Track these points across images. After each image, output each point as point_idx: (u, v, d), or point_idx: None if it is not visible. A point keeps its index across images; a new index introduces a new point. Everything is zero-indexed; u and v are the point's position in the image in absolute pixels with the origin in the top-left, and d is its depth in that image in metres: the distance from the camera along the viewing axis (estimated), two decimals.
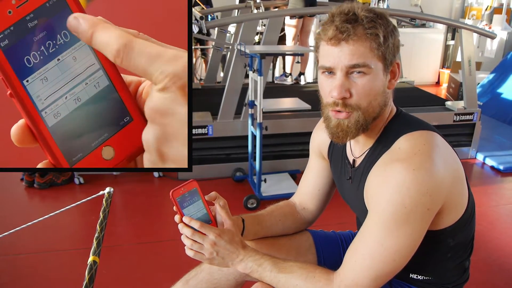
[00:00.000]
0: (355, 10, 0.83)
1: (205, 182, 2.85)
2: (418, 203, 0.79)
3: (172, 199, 0.86)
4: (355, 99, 0.84)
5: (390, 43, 0.84)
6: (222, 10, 4.26)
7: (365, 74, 0.83)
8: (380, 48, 0.82)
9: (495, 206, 2.70)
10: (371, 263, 0.83)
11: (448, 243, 0.94)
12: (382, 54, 0.83)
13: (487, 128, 3.85)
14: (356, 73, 0.83)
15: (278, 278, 0.90)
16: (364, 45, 0.82)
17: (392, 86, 0.90)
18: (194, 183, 0.87)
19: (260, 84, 2.38)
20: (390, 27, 0.84)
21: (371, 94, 0.85)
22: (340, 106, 0.85)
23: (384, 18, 0.84)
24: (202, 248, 0.89)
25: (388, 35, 0.83)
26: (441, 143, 0.87)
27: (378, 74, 0.84)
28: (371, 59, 0.82)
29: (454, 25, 4.80)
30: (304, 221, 1.17)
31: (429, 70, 6.21)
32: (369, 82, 0.84)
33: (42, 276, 1.91)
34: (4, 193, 2.73)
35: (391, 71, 0.88)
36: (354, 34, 0.81)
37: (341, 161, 1.04)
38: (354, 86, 0.84)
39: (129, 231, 2.34)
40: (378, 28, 0.82)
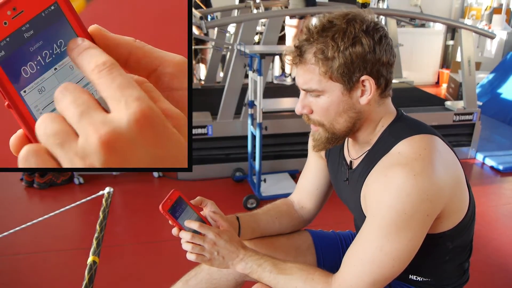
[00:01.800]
0: (313, 27, 0.84)
1: (205, 182, 2.86)
2: (418, 209, 0.79)
3: (164, 213, 0.87)
4: (316, 116, 0.89)
5: (345, 60, 0.80)
6: (221, 10, 4.26)
7: (319, 95, 0.86)
8: (330, 70, 0.82)
9: (494, 206, 2.70)
10: (369, 268, 0.83)
11: (447, 246, 0.94)
12: (337, 75, 0.82)
13: (487, 128, 3.85)
14: (311, 93, 0.86)
15: (277, 280, 0.90)
16: (311, 70, 0.83)
17: (367, 101, 0.85)
18: (176, 193, 0.90)
19: (260, 84, 2.38)
20: (347, 41, 0.80)
21: (330, 114, 0.87)
22: (306, 120, 0.91)
23: (341, 31, 0.80)
24: (203, 250, 0.89)
25: (341, 53, 0.80)
26: (442, 147, 0.86)
27: (335, 95, 0.84)
28: (320, 83, 0.83)
29: (454, 25, 4.81)
30: (302, 220, 1.17)
31: (429, 70, 6.21)
32: (325, 103, 0.86)
33: (42, 276, 1.91)
34: (4, 193, 2.73)
35: (357, 87, 0.84)
36: (301, 62, 0.84)
37: (339, 162, 1.04)
38: (312, 105, 0.88)
39: (128, 231, 2.34)
40: (328, 48, 0.80)
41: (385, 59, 0.83)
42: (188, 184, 2.81)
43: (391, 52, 0.85)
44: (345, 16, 0.82)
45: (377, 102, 0.88)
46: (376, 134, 0.92)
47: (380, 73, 0.84)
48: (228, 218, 1.01)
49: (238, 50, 2.65)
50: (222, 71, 4.60)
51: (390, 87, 0.89)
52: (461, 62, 3.20)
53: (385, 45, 0.83)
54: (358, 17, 0.82)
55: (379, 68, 0.83)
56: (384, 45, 0.83)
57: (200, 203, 0.96)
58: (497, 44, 5.46)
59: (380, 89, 0.86)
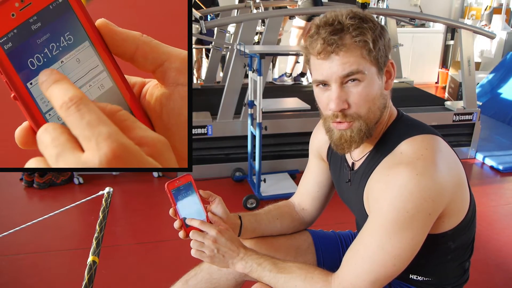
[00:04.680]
0: (339, 18, 0.82)
1: (205, 182, 2.85)
2: (420, 208, 0.79)
3: (167, 191, 0.88)
4: (354, 108, 0.84)
5: (380, 45, 0.83)
6: (221, 10, 4.26)
7: (360, 81, 0.82)
8: (371, 54, 0.82)
9: (494, 206, 2.70)
10: (370, 267, 0.83)
11: (449, 245, 0.94)
12: (374, 59, 0.82)
13: (487, 128, 3.85)
14: (350, 82, 0.83)
15: (277, 279, 0.90)
16: (354, 54, 0.81)
17: (389, 87, 0.89)
18: (189, 177, 0.89)
19: (260, 84, 2.38)
20: (377, 29, 0.83)
21: (369, 100, 0.84)
22: (340, 117, 0.84)
23: (370, 21, 0.83)
24: (202, 246, 0.90)
25: (377, 38, 0.82)
26: (444, 148, 0.86)
27: (373, 78, 0.84)
28: (363, 65, 0.82)
29: (454, 25, 4.81)
30: (303, 222, 1.18)
31: (429, 70, 6.21)
32: (365, 89, 0.83)
33: (42, 276, 1.91)
34: (4, 193, 2.73)
35: (385, 72, 0.87)
36: (342, 45, 0.81)
37: (340, 164, 1.04)
38: (350, 95, 0.83)
39: (128, 231, 2.34)
40: (365, 34, 0.81)
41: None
42: None
43: None
44: (356, 15, 0.83)
45: (389, 92, 0.91)
46: (379, 133, 0.92)
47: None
48: (231, 217, 1.01)
49: (238, 50, 2.65)
50: (222, 71, 4.59)
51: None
52: (461, 62, 3.20)
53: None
54: (367, 15, 0.85)
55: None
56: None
57: (208, 197, 0.96)
58: (497, 44, 5.46)
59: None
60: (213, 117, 2.87)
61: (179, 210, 0.90)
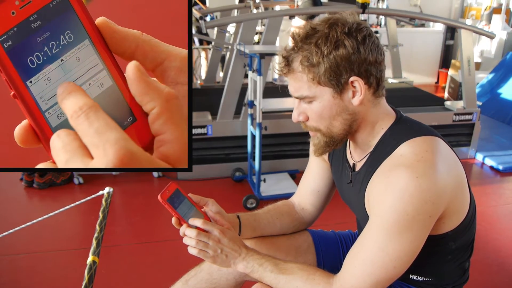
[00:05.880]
0: (296, 36, 0.84)
1: (205, 182, 2.86)
2: (421, 211, 0.79)
3: (163, 202, 0.88)
4: (311, 122, 0.90)
5: (330, 64, 0.81)
6: (221, 10, 4.26)
7: (312, 101, 0.86)
8: (318, 76, 0.82)
9: (494, 206, 2.70)
10: (371, 269, 0.83)
11: (449, 246, 0.94)
12: (324, 80, 0.83)
13: (487, 128, 3.86)
14: (303, 101, 0.88)
15: (278, 279, 0.90)
16: (301, 79, 0.85)
17: (359, 102, 0.85)
18: (173, 185, 0.91)
19: (260, 84, 2.38)
20: (330, 45, 0.80)
21: (324, 118, 0.88)
22: (304, 127, 0.93)
23: (323, 37, 0.81)
24: (207, 247, 0.90)
25: (326, 58, 0.81)
26: (444, 149, 0.86)
27: (326, 99, 0.85)
28: (312, 89, 0.85)
29: (454, 25, 4.81)
30: (303, 221, 1.17)
31: (429, 70, 6.21)
32: (319, 109, 0.87)
33: (42, 276, 1.91)
34: (4, 193, 2.73)
35: (347, 89, 0.85)
36: (290, 72, 0.86)
37: (342, 165, 1.04)
38: (307, 111, 0.89)
39: (128, 231, 2.34)
40: (312, 55, 0.82)
41: (371, 58, 0.83)
42: (188, 184, 2.81)
43: (378, 50, 0.85)
44: (327, 21, 0.83)
45: (372, 102, 0.88)
46: (376, 136, 0.92)
47: (369, 72, 0.84)
48: (229, 216, 1.01)
49: (238, 50, 2.65)
50: (221, 71, 4.60)
51: (383, 86, 0.89)
52: (461, 62, 3.20)
53: (370, 44, 0.83)
54: (340, 21, 0.83)
55: (367, 67, 0.83)
56: (368, 44, 0.83)
57: (200, 201, 0.96)
58: (497, 44, 5.46)
59: (372, 89, 0.86)
60: (213, 117, 2.87)
61: (182, 216, 0.90)
